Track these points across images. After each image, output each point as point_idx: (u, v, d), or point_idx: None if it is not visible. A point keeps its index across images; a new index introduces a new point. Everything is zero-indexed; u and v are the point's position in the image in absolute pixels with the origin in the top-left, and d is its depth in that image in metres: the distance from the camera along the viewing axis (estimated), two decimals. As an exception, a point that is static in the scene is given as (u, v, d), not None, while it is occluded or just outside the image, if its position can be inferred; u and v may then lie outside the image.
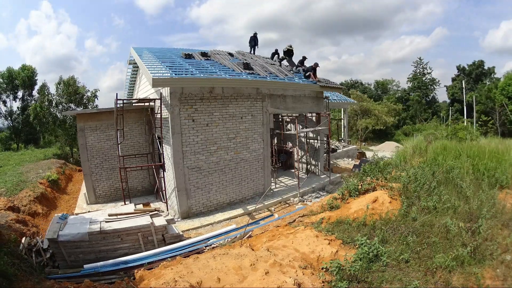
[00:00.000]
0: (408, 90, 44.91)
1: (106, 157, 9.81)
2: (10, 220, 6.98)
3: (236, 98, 8.64)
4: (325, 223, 5.14)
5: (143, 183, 10.43)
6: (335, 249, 4.01)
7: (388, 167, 7.34)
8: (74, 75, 20.50)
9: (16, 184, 10.09)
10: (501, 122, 28.35)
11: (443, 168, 6.26)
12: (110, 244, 5.56)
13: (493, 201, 4.69)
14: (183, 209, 7.91)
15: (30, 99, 25.64)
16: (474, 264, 3.52)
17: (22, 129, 25.58)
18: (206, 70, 8.65)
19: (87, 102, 20.18)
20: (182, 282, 3.32)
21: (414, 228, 4.30)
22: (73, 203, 10.52)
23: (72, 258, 5.37)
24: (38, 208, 8.89)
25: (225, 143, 8.53)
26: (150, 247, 5.72)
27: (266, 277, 3.19)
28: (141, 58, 9.05)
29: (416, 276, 3.45)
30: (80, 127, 9.49)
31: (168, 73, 7.59)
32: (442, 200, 4.87)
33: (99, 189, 9.86)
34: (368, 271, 3.55)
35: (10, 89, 25.02)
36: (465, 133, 9.73)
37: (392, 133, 34.99)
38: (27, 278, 4.19)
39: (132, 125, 9.99)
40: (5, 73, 24.53)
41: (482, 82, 37.17)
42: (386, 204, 5.17)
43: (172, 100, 7.52)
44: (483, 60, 38.05)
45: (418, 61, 44.39)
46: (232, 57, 11.56)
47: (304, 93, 10.61)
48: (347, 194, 6.25)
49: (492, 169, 6.15)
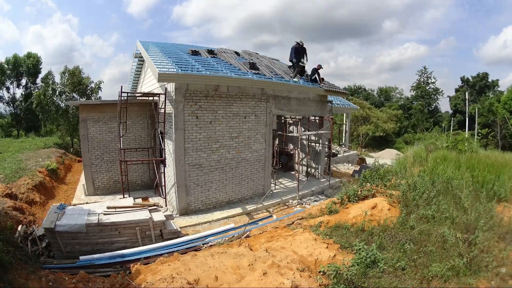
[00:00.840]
0: (411, 99, 45.00)
1: (107, 149, 9.82)
2: (7, 207, 6.98)
3: (241, 98, 8.66)
4: (323, 227, 5.16)
5: (142, 177, 10.44)
6: (332, 253, 4.03)
7: (388, 174, 7.37)
8: (79, 66, 20.55)
9: (15, 171, 10.09)
10: (501, 136, 28.43)
11: (443, 178, 6.28)
12: (107, 237, 5.56)
13: (490, 213, 4.71)
14: (182, 206, 7.93)
15: (33, 87, 25.68)
16: (469, 275, 3.54)
17: (23, 116, 25.60)
18: (212, 68, 8.67)
19: (91, 93, 20.20)
20: (179, 279, 3.33)
21: (411, 236, 4.33)
22: (71, 194, 10.53)
23: (68, 249, 5.37)
24: (35, 197, 8.89)
25: (228, 141, 8.55)
26: (148, 242, 5.73)
27: (264, 278, 3.21)
28: (147, 52, 9.06)
29: (412, 284, 3.48)
30: (83, 117, 9.51)
31: (174, 68, 7.60)
32: (441, 209, 4.90)
33: (98, 181, 9.87)
34: (365, 276, 3.57)
35: (15, 76, 25.06)
36: (465, 145, 9.75)
37: (392, 141, 35.07)
38: (22, 267, 4.18)
39: (135, 119, 10.00)
40: (11, 59, 24.56)
41: (485, 94, 37.27)
42: (385, 211, 5.19)
43: (177, 96, 7.54)
44: (487, 73, 38.23)
45: (423, 70, 44.51)
46: (238, 56, 11.58)
47: (309, 96, 10.63)
48: (346, 199, 6.27)
49: (491, 181, 6.18)
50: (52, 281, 3.95)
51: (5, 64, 24.50)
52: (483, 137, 15.24)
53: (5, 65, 24.50)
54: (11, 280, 3.55)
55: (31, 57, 25.23)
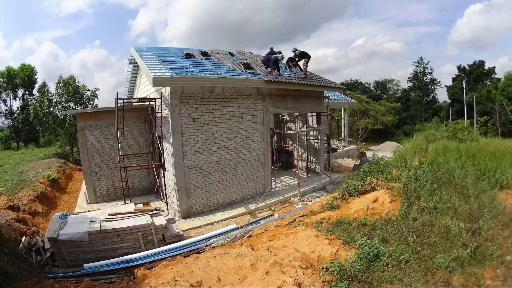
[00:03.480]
0: (409, 90, 44.97)
1: (106, 157, 9.80)
2: (10, 219, 6.98)
3: (237, 98, 8.64)
4: (325, 223, 5.13)
5: (143, 182, 10.43)
6: (335, 249, 4.01)
7: (389, 167, 7.34)
8: (74, 75, 20.52)
9: (16, 183, 10.08)
10: (501, 122, 28.39)
11: (444, 168, 6.25)
12: (110, 244, 5.56)
13: (493, 201, 4.68)
14: (183, 209, 7.91)
15: (30, 98, 25.64)
16: (474, 265, 3.51)
17: (22, 128, 25.58)
18: (207, 70, 8.65)
19: (87, 101, 20.18)
20: (182, 281, 3.32)
21: (414, 228, 4.30)
22: (73, 203, 10.51)
23: (72, 257, 5.37)
24: (38, 207, 8.88)
25: (226, 142, 8.53)
26: (150, 246, 5.72)
27: (267, 277, 3.19)
28: (141, 57, 9.04)
29: (416, 276, 3.45)
30: (80, 126, 9.49)
31: (169, 72, 7.58)
32: (443, 200, 4.86)
33: (99, 188, 9.86)
34: (368, 271, 3.55)
35: (10, 88, 25.01)
36: (465, 134, 9.71)
37: (392, 133, 35.07)
38: (27, 277, 4.18)
39: (132, 124, 9.98)
40: (5, 72, 24.53)
41: (483, 82, 37.22)
42: (386, 204, 5.16)
43: (173, 100, 7.52)
44: (483, 60, 38.17)
45: (419, 61, 44.46)
46: (232, 57, 11.55)
47: (304, 94, 10.60)
48: (347, 194, 6.24)
49: (492, 169, 6.14)
50: (57, 290, 3.95)
51: (0, 78, 24.46)
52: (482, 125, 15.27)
53: (0, 78, 24.46)
54: (17, 291, 3.55)
55: (25, 69, 25.19)
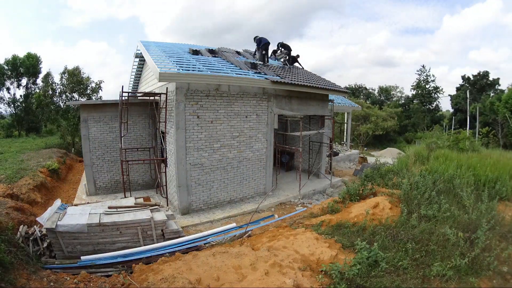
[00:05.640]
0: (412, 98, 44.97)
1: (108, 149, 9.82)
2: (9, 207, 6.98)
3: (242, 97, 8.65)
4: (325, 226, 5.15)
5: (144, 177, 10.44)
6: (334, 252, 4.03)
7: (390, 173, 7.36)
8: (79, 66, 20.54)
9: (16, 171, 10.10)
10: (503, 134, 28.38)
11: (444, 177, 6.27)
12: (108, 237, 5.56)
13: (492, 212, 4.70)
14: (183, 205, 7.93)
15: (34, 87, 25.66)
16: (471, 274, 3.54)
17: (24, 117, 25.61)
18: (213, 67, 8.66)
19: (91, 93, 20.21)
20: (181, 278, 3.34)
21: (413, 235, 4.32)
22: (73, 194, 10.54)
23: (70, 249, 5.38)
24: (37, 197, 8.90)
25: (229, 141, 8.54)
26: (149, 241, 5.73)
27: (266, 277, 3.21)
28: (148, 52, 9.04)
29: (413, 283, 3.47)
30: (84, 117, 9.50)
31: (175, 68, 7.59)
32: (442, 209, 4.88)
33: (100, 181, 9.88)
34: (366, 276, 3.57)
35: (15, 76, 25.05)
36: (466, 144, 9.72)
37: (394, 139, 35.06)
38: (23, 267, 4.18)
39: (136, 119, 10.00)
40: (10, 60, 24.56)
41: (486, 93, 37.20)
42: (386, 210, 5.19)
43: (178, 96, 7.53)
44: (488, 71, 38.14)
45: (422, 69, 44.41)
46: (239, 55, 11.57)
47: (310, 96, 10.61)
48: (348, 198, 6.27)
49: (493, 180, 6.16)
50: (54, 281, 3.96)
51: (5, 65, 24.51)
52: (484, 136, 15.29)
53: (5, 66, 24.51)
54: (13, 280, 3.56)
55: (31, 57, 25.22)
